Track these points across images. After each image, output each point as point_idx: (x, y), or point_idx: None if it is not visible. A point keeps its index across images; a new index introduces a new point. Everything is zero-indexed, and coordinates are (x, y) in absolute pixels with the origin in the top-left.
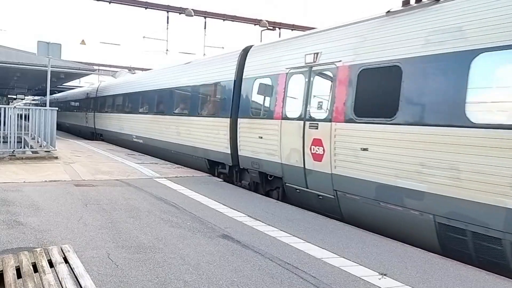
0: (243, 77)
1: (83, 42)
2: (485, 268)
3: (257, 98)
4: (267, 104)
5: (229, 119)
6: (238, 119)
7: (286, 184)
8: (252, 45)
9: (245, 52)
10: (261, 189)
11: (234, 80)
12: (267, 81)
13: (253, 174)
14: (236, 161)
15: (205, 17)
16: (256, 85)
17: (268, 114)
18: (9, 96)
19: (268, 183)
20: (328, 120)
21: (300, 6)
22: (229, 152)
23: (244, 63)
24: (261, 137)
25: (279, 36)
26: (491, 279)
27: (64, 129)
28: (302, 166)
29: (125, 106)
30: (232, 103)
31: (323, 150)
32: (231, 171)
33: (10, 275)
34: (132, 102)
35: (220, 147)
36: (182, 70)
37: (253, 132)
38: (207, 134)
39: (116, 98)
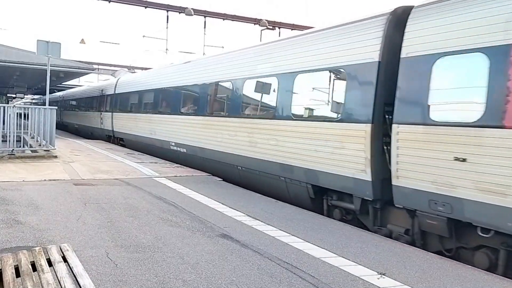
0: (403, 55)
1: (82, 41)
2: None
3: (447, 89)
4: (481, 99)
5: (368, 125)
6: (395, 126)
7: None
8: (412, 6)
9: (397, 16)
10: (440, 245)
11: (378, 62)
12: (481, 60)
13: (429, 220)
14: (379, 194)
15: (205, 17)
16: (443, 67)
17: (489, 119)
18: (8, 95)
19: (461, 238)
20: None
21: (301, 6)
22: (368, 178)
23: (403, 34)
24: (463, 160)
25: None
26: (490, 279)
27: (72, 130)
28: None
29: (159, 105)
30: (374, 100)
31: None
32: (364, 207)
33: (9, 274)
34: (171, 100)
35: (344, 169)
36: (259, 54)
37: (440, 149)
38: (316, 147)
39: (144, 94)
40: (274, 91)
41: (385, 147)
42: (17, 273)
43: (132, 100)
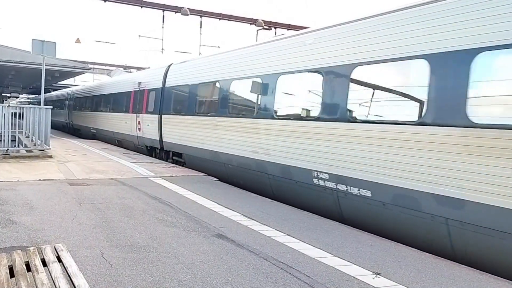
0: None
1: (78, 41)
2: None
3: None
4: None
5: None
6: None
7: None
8: None
9: None
10: None
11: None
12: None
13: None
14: None
15: (201, 16)
16: None
17: None
18: (3, 94)
19: None
20: None
21: (301, 8)
22: None
23: None
24: None
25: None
26: (484, 279)
27: (87, 136)
28: None
29: (281, 105)
30: None
31: None
32: None
33: (3, 274)
34: (328, 97)
35: None
36: None
37: None
38: None
39: (235, 87)
40: None
41: None
42: (11, 273)
43: (204, 96)
